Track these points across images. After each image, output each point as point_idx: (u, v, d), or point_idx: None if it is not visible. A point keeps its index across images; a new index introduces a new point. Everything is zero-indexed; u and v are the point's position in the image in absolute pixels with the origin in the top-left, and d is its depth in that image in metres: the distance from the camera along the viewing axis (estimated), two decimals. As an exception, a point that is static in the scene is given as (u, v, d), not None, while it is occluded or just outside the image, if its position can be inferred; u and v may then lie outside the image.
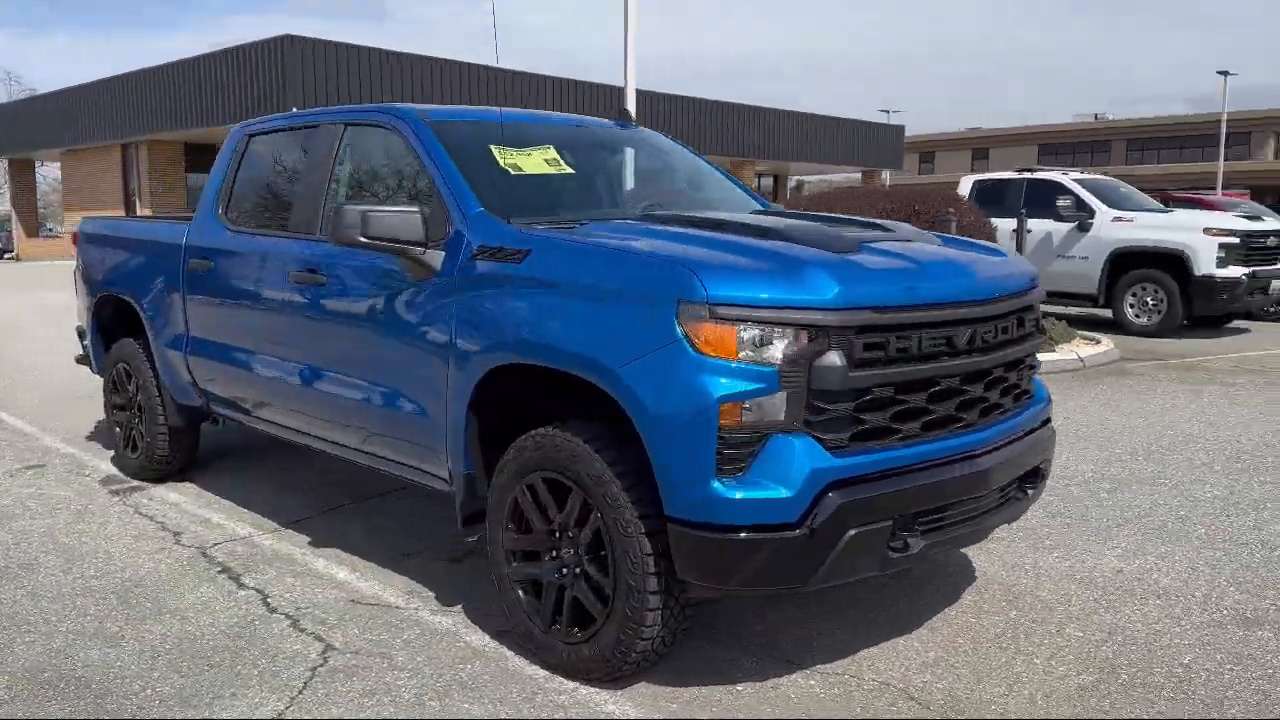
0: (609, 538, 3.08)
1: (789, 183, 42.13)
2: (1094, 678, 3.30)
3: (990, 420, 3.35)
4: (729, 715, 3.09)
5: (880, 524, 2.98)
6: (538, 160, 4.12)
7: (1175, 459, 6.14)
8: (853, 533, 2.92)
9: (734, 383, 2.84)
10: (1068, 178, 13.24)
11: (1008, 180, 13.73)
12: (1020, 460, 3.48)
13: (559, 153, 4.24)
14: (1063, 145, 58.79)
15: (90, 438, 6.77)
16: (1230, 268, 11.75)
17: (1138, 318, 12.27)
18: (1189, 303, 11.94)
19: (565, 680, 3.28)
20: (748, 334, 2.86)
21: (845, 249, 3.22)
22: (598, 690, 3.22)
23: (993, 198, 13.19)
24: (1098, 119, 61.61)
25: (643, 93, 14.95)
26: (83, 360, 6.48)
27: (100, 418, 7.15)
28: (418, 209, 3.63)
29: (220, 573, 4.29)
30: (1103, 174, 15.10)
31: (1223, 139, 40.50)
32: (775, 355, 2.86)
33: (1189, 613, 3.83)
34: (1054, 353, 9.79)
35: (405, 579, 4.19)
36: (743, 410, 2.85)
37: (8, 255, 37.08)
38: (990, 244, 4.10)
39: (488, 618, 3.75)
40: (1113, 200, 12.79)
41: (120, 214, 26.54)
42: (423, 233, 3.62)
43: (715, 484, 2.85)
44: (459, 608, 3.89)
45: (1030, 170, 13.95)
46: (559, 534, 3.29)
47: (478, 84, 24.49)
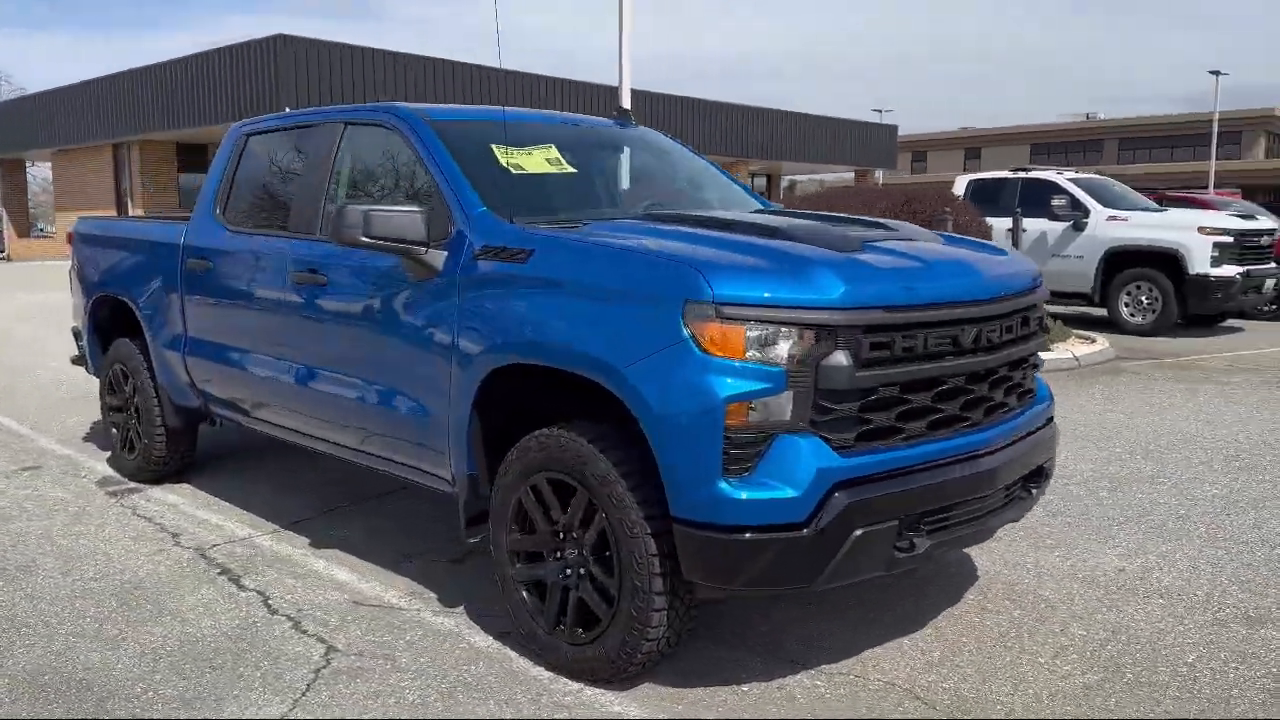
0: (614, 538, 3.07)
1: (782, 182, 42.12)
2: (1099, 677, 3.30)
3: (995, 419, 3.35)
4: (735, 715, 3.08)
5: (886, 524, 2.98)
6: (539, 159, 4.10)
7: (1173, 458, 6.15)
8: (859, 533, 2.92)
9: (740, 382, 2.83)
10: (1062, 177, 13.27)
11: (1003, 179, 13.75)
12: (1024, 459, 3.48)
13: (560, 152, 4.22)
14: (1055, 145, 58.81)
15: (86, 439, 6.73)
16: (1224, 267, 11.80)
17: (1132, 317, 12.30)
18: (1183, 302, 11.99)
19: (570, 681, 3.27)
20: (754, 334, 2.85)
21: (850, 248, 3.21)
22: (603, 691, 3.21)
23: (988, 197, 13.21)
24: (1089, 118, 61.68)
25: (637, 92, 14.93)
26: (78, 361, 6.43)
27: (95, 419, 7.12)
28: (420, 209, 3.62)
29: (220, 574, 4.26)
30: (1096, 173, 15.12)
31: (1214, 138, 40.58)
32: (782, 355, 2.85)
33: (1192, 611, 3.83)
34: (1050, 352, 9.80)
35: (406, 580, 4.18)
36: (749, 410, 2.84)
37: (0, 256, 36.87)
38: (993, 243, 4.10)
39: (490, 619, 3.74)
40: (1107, 199, 12.83)
41: (116, 214, 26.49)
42: (425, 233, 3.61)
43: (722, 484, 2.84)
44: (461, 609, 3.87)
45: (1025, 169, 13.97)
46: (563, 535, 3.28)
47: (472, 84, 24.43)
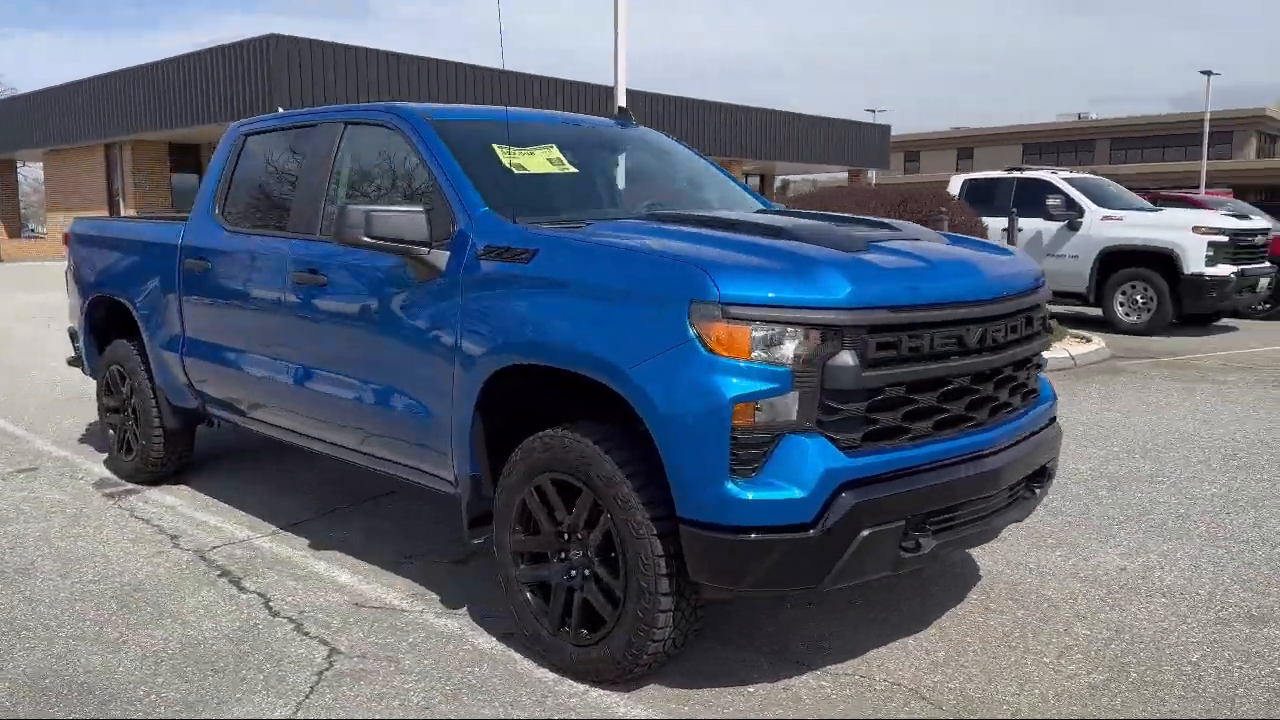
0: (620, 539, 3.06)
1: (775, 182, 42.15)
2: (1104, 676, 3.30)
3: (1000, 419, 3.35)
4: (741, 716, 3.07)
5: (893, 524, 2.97)
6: (541, 159, 4.08)
7: (1172, 457, 6.16)
8: (866, 533, 2.91)
9: (747, 383, 2.82)
10: (1057, 177, 13.30)
11: (997, 179, 13.78)
12: (1029, 459, 3.48)
13: (561, 152, 4.21)
14: (1047, 145, 58.95)
15: (82, 440, 6.70)
16: (1219, 266, 11.83)
17: (1127, 316, 12.33)
18: (1178, 301, 12.01)
19: (575, 683, 3.26)
20: (760, 334, 2.84)
21: (855, 248, 3.21)
22: (608, 692, 3.20)
23: (983, 197, 13.23)
24: (1081, 119, 61.82)
25: (632, 92, 14.89)
26: (75, 362, 6.40)
27: (91, 420, 7.09)
28: (423, 209, 3.60)
29: (220, 576, 4.24)
30: (1091, 173, 15.15)
31: (1206, 138, 40.70)
32: (788, 355, 2.84)
33: (1194, 610, 3.83)
34: (1046, 351, 9.80)
35: (408, 582, 4.16)
36: (755, 411, 2.83)
37: None
38: (997, 243, 4.10)
39: (493, 620, 3.72)
40: (1102, 199, 12.86)
41: (114, 215, 26.39)
42: (427, 233, 3.59)
43: (729, 485, 2.83)
44: (464, 610, 3.86)
45: (1020, 169, 14.00)
46: (568, 536, 3.27)
47: (467, 84, 24.40)
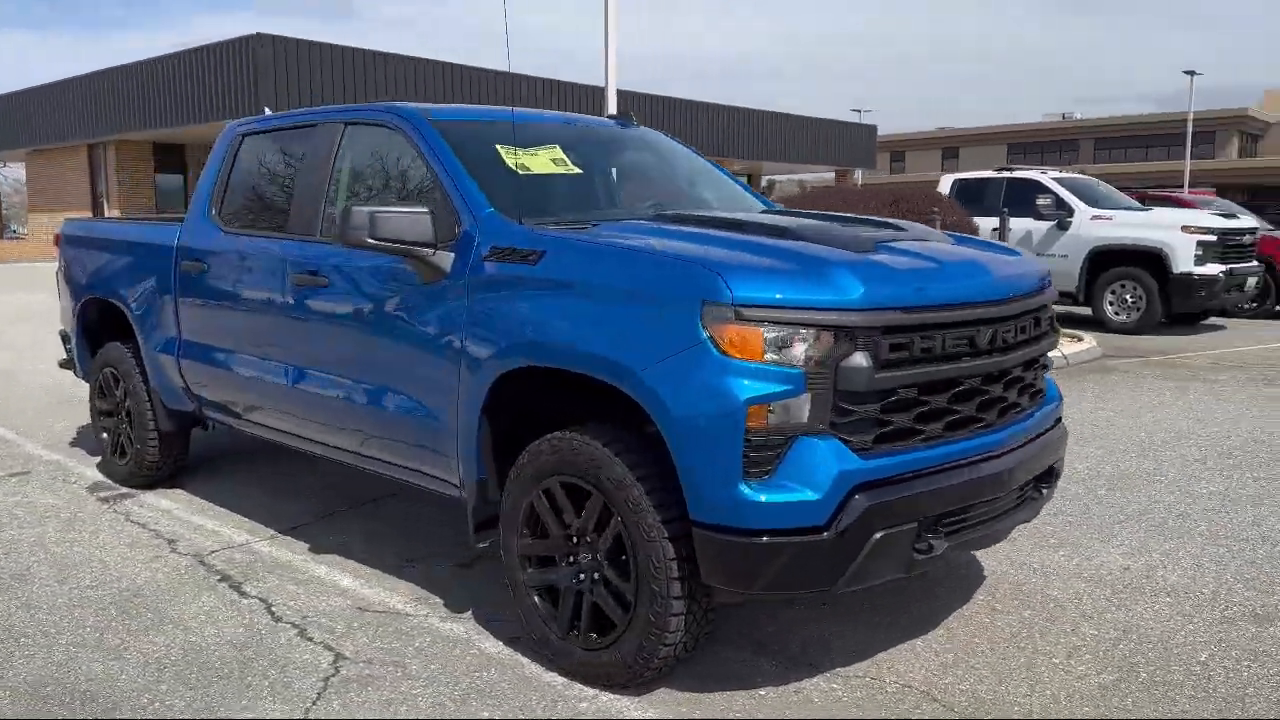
0: (630, 543, 3.04)
1: (761, 182, 42.20)
2: (1114, 677, 3.30)
3: (1009, 420, 3.34)
4: (754, 718, 3.06)
5: (906, 526, 2.96)
6: (544, 160, 4.06)
7: (1169, 455, 6.19)
8: (879, 535, 2.90)
9: (760, 385, 2.80)
10: (1047, 176, 13.35)
11: (987, 179, 13.82)
12: (1037, 460, 3.47)
13: (564, 152, 4.18)
14: (1031, 145, 59.21)
15: (74, 444, 6.63)
16: (1208, 265, 11.90)
17: (1117, 315, 12.39)
18: (1167, 300, 12.08)
19: (584, 687, 3.23)
20: (773, 335, 2.82)
21: (865, 249, 3.20)
22: (619, 696, 3.17)
23: (973, 196, 13.27)
24: (1066, 118, 62.14)
25: (623, 93, 14.92)
26: (66, 365, 6.33)
27: (82, 423, 7.02)
28: (427, 210, 3.57)
29: (220, 581, 4.20)
30: (1076, 173, 15.22)
31: (1189, 138, 40.99)
32: (801, 356, 2.83)
33: (1199, 610, 3.84)
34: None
35: (410, 585, 4.13)
36: (769, 412, 2.81)
37: None
38: (1003, 244, 4.10)
39: (499, 624, 3.70)
40: (1091, 199, 12.92)
41: (97, 215, 26.20)
42: (432, 234, 3.56)
43: (742, 487, 2.81)
44: (469, 614, 3.83)
45: (1010, 169, 14.05)
46: (576, 539, 3.24)
47: (455, 83, 24.34)
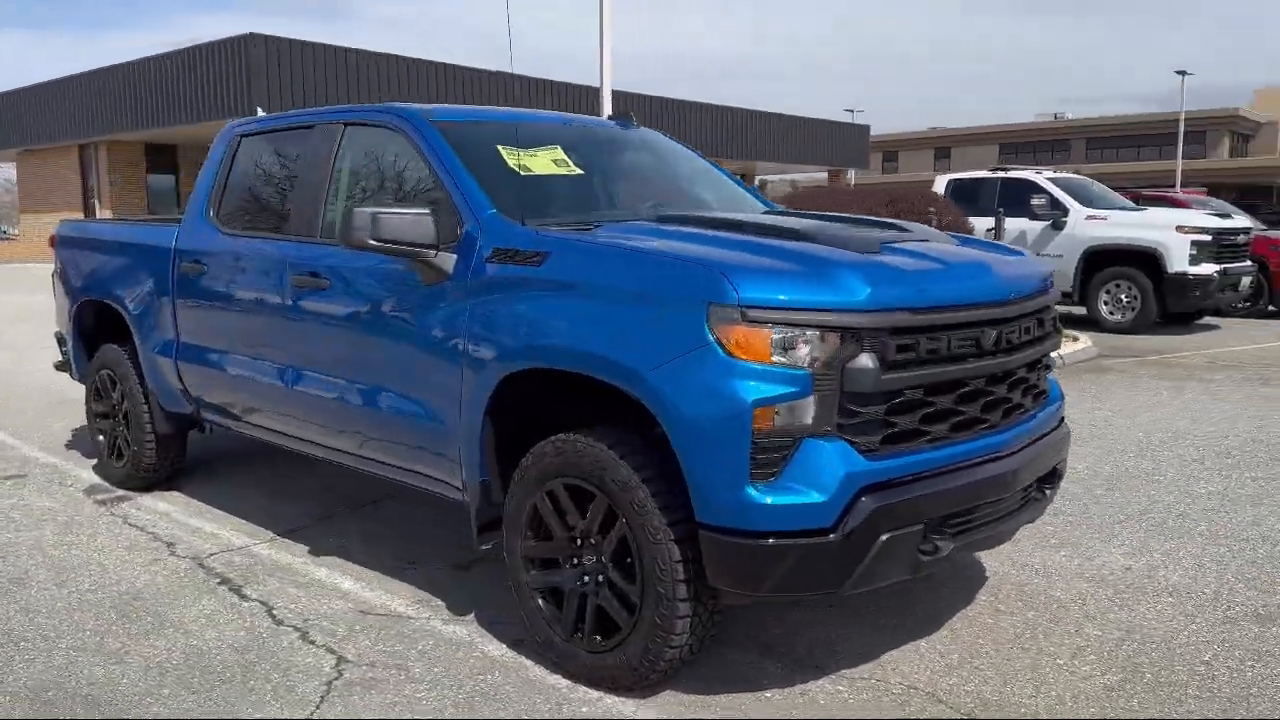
0: (636, 545, 3.03)
1: (754, 182, 42.24)
2: (1119, 677, 3.30)
3: (1013, 421, 3.34)
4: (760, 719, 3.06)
5: (912, 528, 2.96)
6: (546, 161, 4.05)
7: (1166, 455, 6.20)
8: (886, 537, 2.89)
9: (767, 386, 2.80)
10: (1042, 177, 13.38)
11: (982, 179, 13.85)
12: (1041, 460, 3.47)
13: (565, 153, 4.17)
14: (1023, 145, 59.28)
15: (69, 446, 6.59)
16: (1202, 265, 11.94)
17: (1112, 315, 12.42)
18: (1162, 300, 12.11)
19: (589, 689, 3.22)
20: (780, 336, 2.81)
21: (870, 249, 3.19)
22: (624, 699, 3.16)
23: (967, 196, 13.28)
24: (1058, 118, 62.31)
25: (617, 93, 14.88)
26: (62, 367, 6.30)
27: (77, 425, 6.98)
28: (429, 211, 3.56)
29: (220, 584, 4.18)
30: (1069, 173, 15.25)
31: (1180, 138, 41.12)
32: (808, 358, 2.82)
33: (1202, 610, 3.84)
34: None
35: (411, 588, 4.11)
36: (775, 414, 2.80)
37: None
38: (1006, 244, 4.10)
39: (502, 626, 3.68)
40: (1086, 199, 12.95)
41: (89, 216, 26.10)
42: (434, 235, 3.55)
43: (749, 489, 2.80)
44: (471, 616, 3.81)
45: (1004, 169, 14.08)
46: (581, 541, 3.23)
47: (449, 83, 24.29)
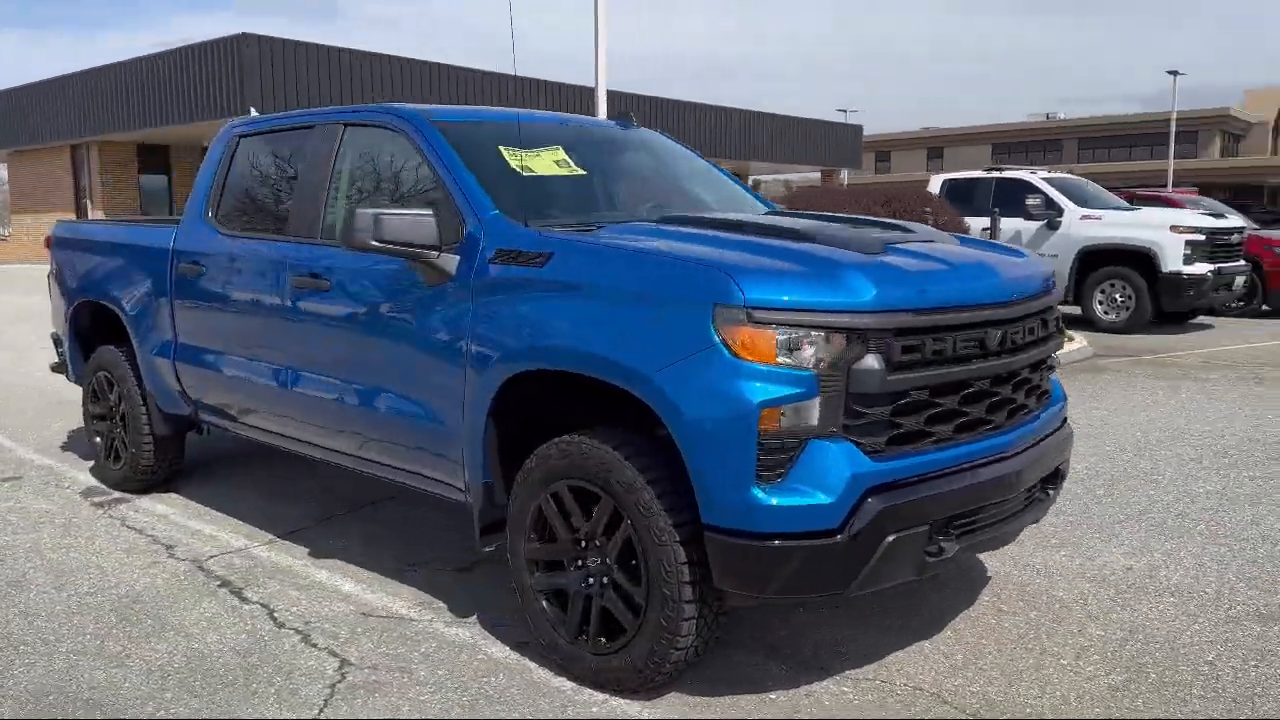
0: (641, 547, 3.02)
1: (747, 182, 42.24)
2: (1123, 677, 3.30)
3: (1017, 422, 3.34)
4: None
5: (918, 529, 2.95)
6: (547, 161, 4.03)
7: (1164, 455, 6.21)
8: (891, 538, 2.89)
9: (773, 387, 2.79)
10: (1036, 176, 13.40)
11: (977, 179, 13.87)
12: (1045, 461, 3.47)
13: (567, 153, 4.16)
14: (1015, 145, 59.45)
15: (66, 448, 6.56)
16: (1196, 265, 11.96)
17: (1107, 314, 12.43)
18: (1156, 299, 12.13)
19: (594, 692, 3.21)
20: (785, 338, 2.81)
21: (874, 250, 3.18)
22: (629, 701, 3.15)
23: (962, 196, 13.30)
24: (1050, 118, 62.44)
25: (612, 93, 14.87)
26: (58, 368, 6.26)
27: (72, 427, 6.95)
28: (432, 212, 3.54)
29: (220, 586, 4.16)
30: (1062, 173, 15.28)
31: (1172, 138, 41.26)
32: (813, 359, 2.82)
33: (1204, 610, 3.85)
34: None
35: (413, 590, 4.10)
36: (781, 415, 2.80)
37: None
38: (1009, 245, 4.10)
39: (505, 628, 3.67)
40: (1081, 198, 12.97)
41: (81, 216, 25.99)
42: (436, 236, 3.54)
43: (755, 490, 2.80)
44: (474, 618, 3.80)
45: (999, 169, 14.10)
46: (585, 543, 3.22)
47: (443, 84, 24.24)
